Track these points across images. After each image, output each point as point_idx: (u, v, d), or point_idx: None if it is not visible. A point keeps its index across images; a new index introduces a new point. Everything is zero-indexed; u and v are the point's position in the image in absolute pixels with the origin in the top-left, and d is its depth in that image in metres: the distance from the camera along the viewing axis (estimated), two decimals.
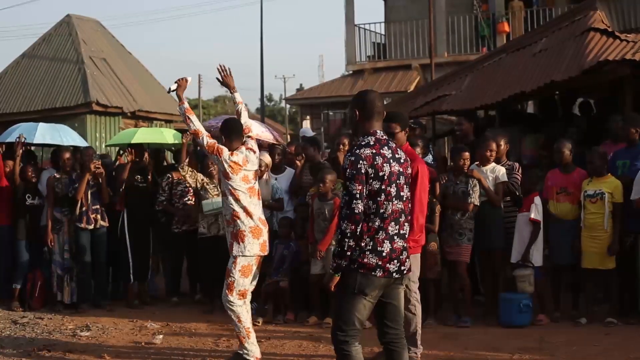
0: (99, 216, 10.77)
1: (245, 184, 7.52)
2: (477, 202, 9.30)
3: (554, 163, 9.76)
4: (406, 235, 5.53)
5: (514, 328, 8.88)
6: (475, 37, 25.47)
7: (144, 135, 12.25)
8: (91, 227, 10.71)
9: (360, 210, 5.26)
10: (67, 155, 11.00)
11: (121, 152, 11.75)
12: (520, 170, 9.74)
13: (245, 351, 7.47)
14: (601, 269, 9.11)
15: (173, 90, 7.75)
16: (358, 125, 5.59)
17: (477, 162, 9.67)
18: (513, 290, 9.27)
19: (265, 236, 7.60)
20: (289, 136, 37.76)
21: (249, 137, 7.85)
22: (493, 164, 9.61)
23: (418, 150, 9.20)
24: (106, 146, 15.05)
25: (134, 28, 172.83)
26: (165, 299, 11.53)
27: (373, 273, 5.30)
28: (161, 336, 9.02)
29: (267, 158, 10.18)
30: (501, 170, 9.53)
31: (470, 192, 9.26)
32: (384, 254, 5.33)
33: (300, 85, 75.64)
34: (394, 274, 5.40)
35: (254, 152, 7.73)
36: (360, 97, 5.63)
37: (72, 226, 10.72)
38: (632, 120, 9.39)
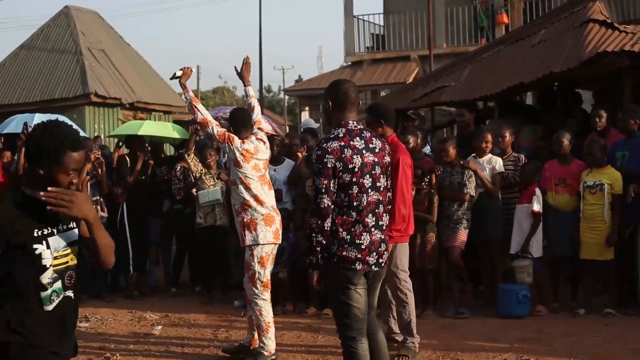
0: (98, 207, 10.77)
1: (257, 172, 7.48)
2: (473, 193, 9.30)
3: (552, 154, 9.75)
4: (384, 227, 5.44)
5: (512, 319, 8.90)
6: (474, 28, 25.47)
7: (150, 128, 12.15)
8: None
9: (326, 205, 5.18)
10: None
11: (120, 143, 11.73)
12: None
13: (262, 345, 7.45)
14: (600, 260, 9.12)
15: (177, 77, 7.54)
16: (331, 115, 5.51)
17: (474, 154, 9.67)
18: (512, 281, 9.29)
19: (277, 224, 7.54)
20: (287, 127, 37.78)
21: (259, 129, 7.83)
22: (490, 155, 9.60)
23: (412, 140, 9.19)
24: (108, 137, 14.96)
25: (132, 19, 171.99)
26: (164, 290, 11.56)
27: (353, 266, 5.26)
28: (160, 327, 9.04)
29: None
30: (498, 162, 9.53)
31: (466, 182, 9.26)
32: (363, 247, 5.27)
33: (299, 76, 75.53)
34: (373, 267, 5.35)
35: (264, 142, 7.70)
36: (333, 88, 5.54)
37: None
38: (631, 112, 9.37)
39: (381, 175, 5.40)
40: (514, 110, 13.01)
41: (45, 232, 3.75)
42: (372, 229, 5.32)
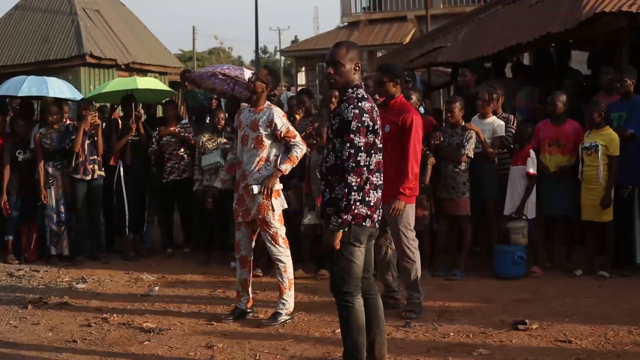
0: (96, 167, 10.77)
1: None
2: (470, 154, 9.28)
3: (548, 116, 9.72)
4: (382, 187, 5.50)
5: (508, 280, 8.94)
6: None
7: (116, 85, 11.94)
8: (88, 177, 10.70)
9: (365, 163, 5.22)
10: (55, 108, 10.94)
11: (115, 106, 11.66)
12: (515, 123, 9.75)
13: (284, 302, 7.51)
14: (598, 222, 9.13)
15: (258, 193, 7.39)
16: (344, 77, 5.44)
17: (478, 114, 9.66)
18: (507, 242, 9.30)
19: None
20: (284, 88, 37.68)
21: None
22: (493, 117, 9.59)
23: (414, 97, 9.24)
24: (85, 99, 14.65)
25: None
26: (160, 251, 11.57)
27: (364, 223, 5.31)
28: (157, 288, 9.06)
29: None
30: (500, 125, 9.51)
31: (465, 143, 9.24)
32: (372, 204, 5.32)
33: (295, 37, 75.02)
34: (376, 224, 5.44)
35: None
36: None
37: (66, 178, 10.72)
38: (627, 72, 9.33)
39: (381, 138, 5.48)
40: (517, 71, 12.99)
41: None
42: (378, 188, 5.40)
